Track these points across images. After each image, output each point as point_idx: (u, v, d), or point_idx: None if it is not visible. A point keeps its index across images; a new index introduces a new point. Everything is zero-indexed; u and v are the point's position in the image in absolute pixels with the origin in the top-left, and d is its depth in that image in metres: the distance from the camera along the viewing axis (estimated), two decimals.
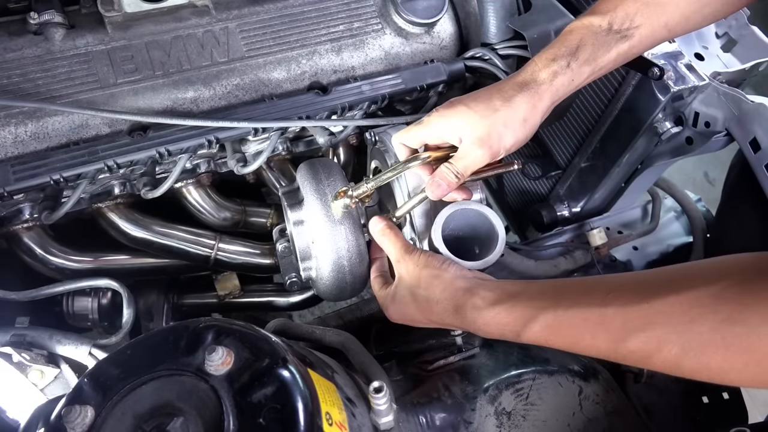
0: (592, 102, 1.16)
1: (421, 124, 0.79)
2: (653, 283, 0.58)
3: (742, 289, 0.51)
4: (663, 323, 0.54)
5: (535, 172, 1.43)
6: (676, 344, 0.53)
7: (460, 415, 0.77)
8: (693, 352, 0.52)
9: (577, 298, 0.62)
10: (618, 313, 0.57)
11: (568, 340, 0.62)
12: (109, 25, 0.94)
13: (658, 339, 0.54)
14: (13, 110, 0.87)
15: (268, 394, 0.55)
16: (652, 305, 0.55)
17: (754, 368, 0.49)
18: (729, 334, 0.50)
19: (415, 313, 0.76)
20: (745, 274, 0.52)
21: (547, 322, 0.63)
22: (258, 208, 1.12)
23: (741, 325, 0.49)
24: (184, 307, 1.22)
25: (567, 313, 0.61)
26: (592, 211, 1.32)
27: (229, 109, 0.95)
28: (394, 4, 1.04)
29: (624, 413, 0.82)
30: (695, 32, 1.04)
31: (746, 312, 0.50)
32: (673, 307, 0.54)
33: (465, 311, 0.70)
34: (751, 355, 0.49)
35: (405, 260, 0.78)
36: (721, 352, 0.50)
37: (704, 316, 0.52)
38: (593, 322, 0.59)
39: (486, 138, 0.74)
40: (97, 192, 0.96)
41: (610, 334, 0.58)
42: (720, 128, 0.97)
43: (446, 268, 0.75)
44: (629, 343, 0.56)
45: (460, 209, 0.81)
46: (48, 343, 0.86)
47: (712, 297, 0.52)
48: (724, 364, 0.51)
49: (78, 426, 0.53)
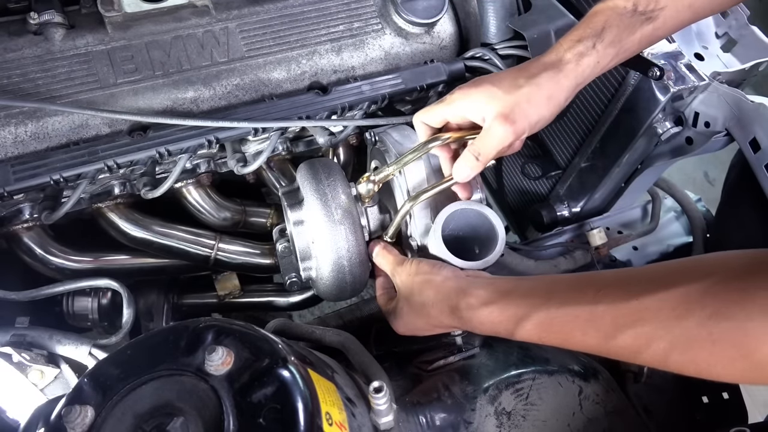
0: (592, 102, 1.16)
1: (443, 102, 0.78)
2: (642, 280, 0.59)
3: (729, 286, 0.51)
4: (651, 319, 0.55)
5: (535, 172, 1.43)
6: (664, 339, 0.54)
7: (460, 415, 0.77)
8: (680, 348, 0.53)
9: (569, 295, 0.63)
10: (608, 310, 0.58)
11: (560, 337, 0.63)
12: (109, 25, 0.94)
13: (646, 335, 0.55)
14: (13, 110, 0.87)
15: (268, 394, 0.55)
16: (641, 302, 0.56)
17: (740, 363, 0.50)
18: (716, 330, 0.50)
19: (416, 320, 0.78)
20: (733, 271, 0.53)
21: (540, 320, 0.64)
22: (258, 208, 1.12)
23: (727, 320, 0.50)
24: (184, 307, 1.22)
25: (559, 311, 0.62)
26: (592, 211, 1.32)
27: (229, 109, 0.95)
28: (394, 4, 1.04)
29: (624, 413, 0.82)
30: (695, 32, 1.04)
31: (733, 308, 0.50)
32: (661, 303, 0.54)
33: (460, 311, 0.71)
34: (737, 350, 0.49)
35: (398, 272, 0.81)
36: (708, 347, 0.51)
37: (692, 311, 0.52)
38: (584, 319, 0.60)
39: (509, 113, 0.72)
40: (97, 192, 0.96)
41: (600, 331, 0.59)
42: (720, 128, 0.97)
43: (437, 271, 0.76)
44: (619, 340, 0.57)
45: (460, 209, 0.81)
46: (48, 343, 0.86)
47: (699, 293, 0.53)
48: (710, 359, 0.51)
49: (78, 426, 0.53)
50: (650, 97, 1.02)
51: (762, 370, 0.49)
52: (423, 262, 0.79)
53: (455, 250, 0.78)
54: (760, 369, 0.49)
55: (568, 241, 1.25)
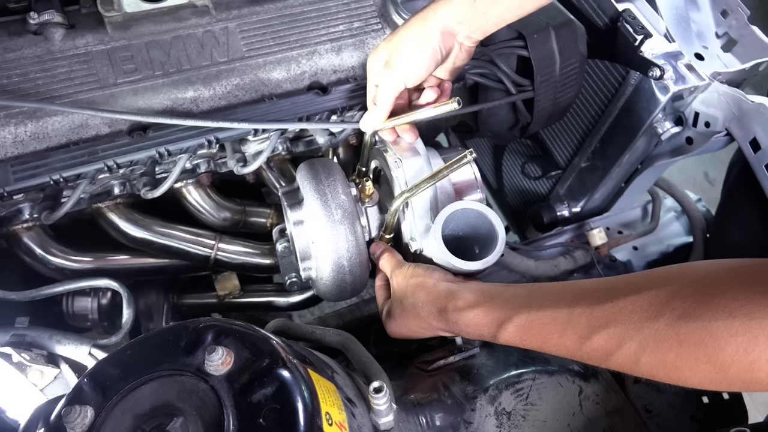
0: (592, 102, 1.16)
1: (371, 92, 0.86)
2: (619, 284, 0.60)
3: (698, 288, 0.52)
4: (624, 321, 0.56)
5: (535, 172, 1.44)
6: (635, 340, 0.54)
7: (460, 415, 0.77)
8: (650, 349, 0.53)
9: (548, 299, 0.64)
10: (584, 312, 0.59)
11: (539, 339, 0.64)
12: (109, 25, 0.93)
13: (618, 335, 0.56)
14: (13, 110, 0.87)
15: (268, 394, 0.55)
16: (614, 304, 0.57)
17: (704, 365, 0.50)
18: (683, 330, 0.51)
19: (408, 322, 0.79)
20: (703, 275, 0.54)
21: (521, 322, 0.65)
22: (258, 208, 1.12)
23: (694, 320, 0.50)
24: (184, 307, 1.22)
25: (538, 314, 0.64)
26: (592, 211, 1.32)
27: (229, 109, 0.95)
28: (394, 4, 1.04)
29: (624, 413, 0.82)
30: (695, 32, 1.04)
31: (700, 308, 0.50)
32: (634, 305, 0.55)
33: (448, 313, 0.72)
34: (702, 351, 0.50)
35: (395, 275, 0.83)
36: (675, 347, 0.51)
37: (662, 312, 0.53)
38: (561, 321, 0.61)
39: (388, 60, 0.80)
40: (97, 192, 0.96)
41: (576, 333, 0.60)
42: (720, 128, 0.97)
43: (430, 274, 0.78)
44: (593, 341, 0.58)
45: (460, 209, 0.81)
46: (48, 343, 0.86)
47: (670, 295, 0.53)
48: (677, 361, 0.52)
49: (78, 426, 0.53)
50: (650, 97, 1.02)
51: (725, 372, 0.49)
52: (419, 266, 0.81)
53: (455, 250, 0.78)
54: (723, 371, 0.49)
55: (568, 241, 1.25)
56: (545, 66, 1.02)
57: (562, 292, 0.65)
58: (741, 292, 0.49)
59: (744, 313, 0.48)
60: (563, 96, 1.07)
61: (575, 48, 1.03)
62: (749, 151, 0.93)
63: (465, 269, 0.79)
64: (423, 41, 0.79)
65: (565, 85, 1.06)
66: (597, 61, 1.11)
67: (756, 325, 0.47)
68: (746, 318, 0.47)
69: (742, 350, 0.47)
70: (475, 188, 0.95)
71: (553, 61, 1.02)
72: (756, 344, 0.47)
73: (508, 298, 0.68)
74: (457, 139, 1.72)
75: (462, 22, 0.78)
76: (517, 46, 1.03)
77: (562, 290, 0.65)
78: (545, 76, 1.02)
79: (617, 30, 1.05)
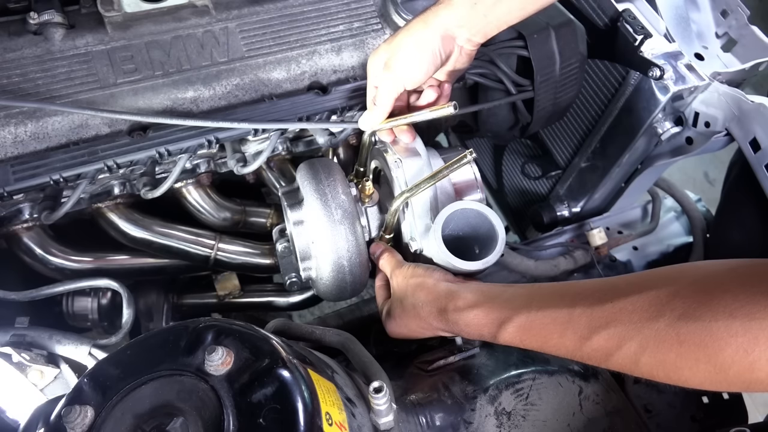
0: (592, 102, 1.16)
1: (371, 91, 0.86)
2: (619, 285, 0.60)
3: (698, 288, 0.52)
4: (625, 321, 0.56)
5: (535, 172, 1.44)
6: (635, 341, 0.54)
7: (460, 415, 0.77)
8: (650, 349, 0.53)
9: (549, 299, 0.64)
10: (584, 313, 0.59)
11: (539, 340, 0.64)
12: (109, 25, 0.93)
13: (619, 336, 0.56)
14: (13, 110, 0.87)
15: (268, 394, 0.55)
16: (614, 304, 0.57)
17: (704, 365, 0.50)
18: (683, 330, 0.51)
19: (408, 322, 0.79)
20: (704, 275, 0.54)
21: (521, 322, 0.65)
22: (258, 208, 1.12)
23: (695, 321, 0.50)
24: (184, 307, 1.22)
25: (539, 314, 0.64)
26: (592, 211, 1.32)
27: (229, 109, 0.95)
28: (394, 4, 1.04)
29: (624, 413, 0.82)
30: (695, 32, 1.04)
31: (700, 309, 0.50)
32: (634, 305, 0.55)
33: (448, 313, 0.72)
34: (702, 351, 0.50)
35: (395, 275, 0.83)
36: (675, 348, 0.51)
37: (662, 312, 0.53)
38: (561, 321, 0.61)
39: (388, 62, 0.81)
40: (97, 192, 0.96)
41: (576, 333, 0.60)
42: (720, 128, 0.97)
43: (430, 274, 0.78)
44: (593, 341, 0.58)
45: (460, 209, 0.81)
46: (48, 343, 0.86)
47: (670, 295, 0.53)
48: (677, 361, 0.52)
49: (78, 426, 0.53)
50: (650, 97, 1.02)
51: (725, 373, 0.49)
52: (419, 266, 0.81)
53: (455, 250, 0.78)
54: (723, 371, 0.49)
55: (568, 241, 1.25)
56: (545, 66, 1.02)
57: (562, 292, 0.64)
58: (741, 293, 0.49)
59: (744, 313, 0.48)
60: (563, 96, 1.07)
61: (575, 48, 1.03)
62: (749, 151, 0.93)
63: (465, 269, 0.79)
64: (423, 44, 0.79)
65: (565, 85, 1.06)
66: (597, 61, 1.11)
67: (756, 326, 0.47)
68: (746, 318, 0.47)
69: (742, 351, 0.47)
70: (475, 188, 0.95)
71: (553, 61, 1.02)
72: (756, 345, 0.47)
73: (508, 299, 0.68)
74: (457, 139, 1.72)
75: (463, 25, 0.78)
76: (517, 46, 1.03)
77: (562, 290, 0.65)
78: (545, 76, 1.02)
79: (617, 30, 1.05)
